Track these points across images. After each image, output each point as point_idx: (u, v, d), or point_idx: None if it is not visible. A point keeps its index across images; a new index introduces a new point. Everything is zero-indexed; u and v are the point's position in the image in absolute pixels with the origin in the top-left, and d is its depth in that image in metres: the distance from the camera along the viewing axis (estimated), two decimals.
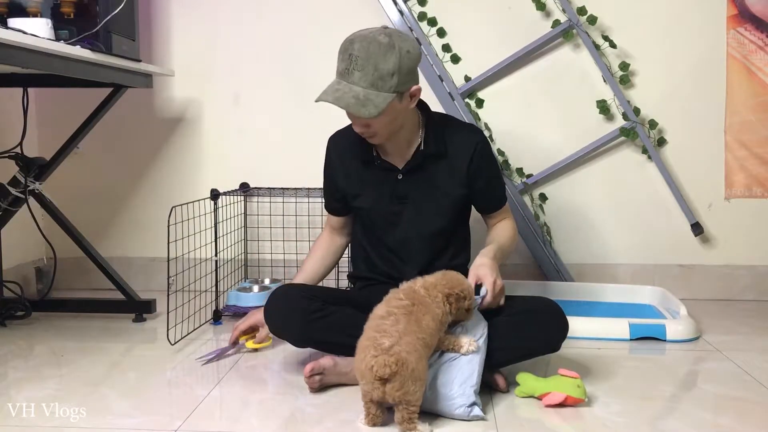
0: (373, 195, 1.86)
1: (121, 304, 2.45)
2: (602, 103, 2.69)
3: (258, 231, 2.82)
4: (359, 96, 1.62)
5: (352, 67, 1.63)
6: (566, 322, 1.75)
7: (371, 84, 1.63)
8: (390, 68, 1.63)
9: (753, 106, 2.71)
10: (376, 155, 1.85)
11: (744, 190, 2.74)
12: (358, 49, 1.63)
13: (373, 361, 1.40)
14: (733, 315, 2.54)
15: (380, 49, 1.62)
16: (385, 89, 1.64)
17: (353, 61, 1.63)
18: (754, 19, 2.68)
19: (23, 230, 2.58)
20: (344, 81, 1.65)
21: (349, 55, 1.63)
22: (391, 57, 1.63)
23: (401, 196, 1.84)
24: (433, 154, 1.82)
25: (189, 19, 2.82)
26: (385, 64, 1.62)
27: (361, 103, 1.62)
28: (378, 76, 1.62)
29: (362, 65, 1.62)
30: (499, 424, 1.56)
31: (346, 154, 1.90)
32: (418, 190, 1.84)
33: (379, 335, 1.45)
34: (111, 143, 2.88)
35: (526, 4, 2.69)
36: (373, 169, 1.86)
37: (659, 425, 1.57)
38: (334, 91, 1.64)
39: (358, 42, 1.64)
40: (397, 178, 1.84)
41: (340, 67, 1.67)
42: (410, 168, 1.83)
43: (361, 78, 1.62)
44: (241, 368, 1.94)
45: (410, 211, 1.84)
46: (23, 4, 2.01)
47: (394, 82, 1.64)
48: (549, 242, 2.73)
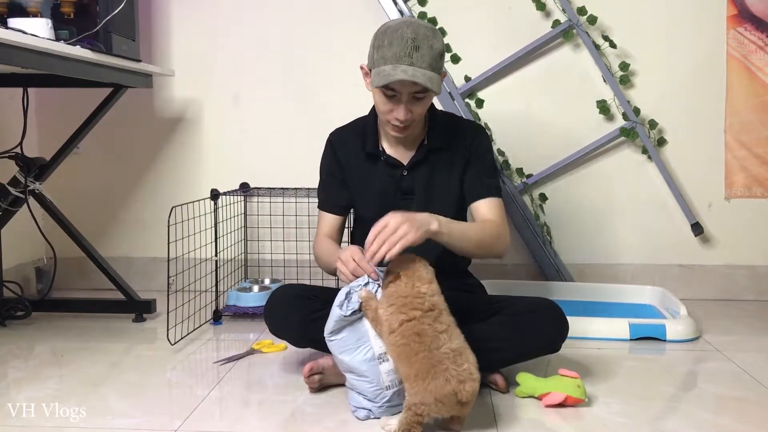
0: (378, 190, 1.86)
1: (121, 304, 2.45)
2: (602, 103, 2.69)
3: (258, 231, 2.82)
4: (426, 74, 1.64)
5: (409, 51, 1.63)
6: (566, 322, 1.74)
7: (430, 65, 1.65)
8: (440, 48, 1.68)
9: (753, 106, 2.71)
10: (382, 150, 1.86)
11: (744, 190, 2.74)
12: (412, 33, 1.64)
13: (460, 387, 1.38)
14: (733, 315, 2.54)
15: (429, 32, 1.66)
16: (437, 69, 1.68)
17: (408, 44, 1.63)
18: (754, 19, 2.68)
19: (23, 230, 2.58)
20: (403, 64, 1.64)
21: (402, 37, 1.64)
22: (439, 37, 1.68)
23: (406, 192, 1.85)
24: (436, 148, 1.83)
25: (189, 19, 2.82)
26: (437, 43, 1.67)
27: (430, 80, 1.64)
28: (434, 56, 1.65)
29: (419, 46, 1.63)
30: (499, 424, 1.56)
31: (350, 150, 1.89)
32: (423, 186, 1.84)
33: (452, 356, 1.41)
34: (111, 143, 2.88)
35: (526, 4, 2.70)
36: (379, 165, 1.86)
37: (659, 425, 1.57)
38: (402, 72, 1.62)
39: (407, 27, 1.65)
40: (402, 174, 1.84)
41: (389, 53, 1.64)
42: (414, 163, 1.84)
43: (421, 59, 1.64)
44: (241, 368, 1.94)
45: (415, 206, 1.83)
46: (23, 4, 2.01)
47: (442, 63, 1.70)
48: (549, 242, 2.73)
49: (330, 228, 1.92)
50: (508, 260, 2.80)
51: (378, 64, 1.66)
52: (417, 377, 1.40)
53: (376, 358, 1.55)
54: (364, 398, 1.57)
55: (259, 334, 2.25)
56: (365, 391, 1.57)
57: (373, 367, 1.55)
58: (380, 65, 1.66)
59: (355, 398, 1.59)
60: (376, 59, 1.67)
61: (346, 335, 1.57)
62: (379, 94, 1.71)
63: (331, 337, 1.58)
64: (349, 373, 1.59)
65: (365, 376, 1.56)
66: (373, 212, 1.87)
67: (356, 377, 1.57)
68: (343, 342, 1.57)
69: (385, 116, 1.74)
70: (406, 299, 1.47)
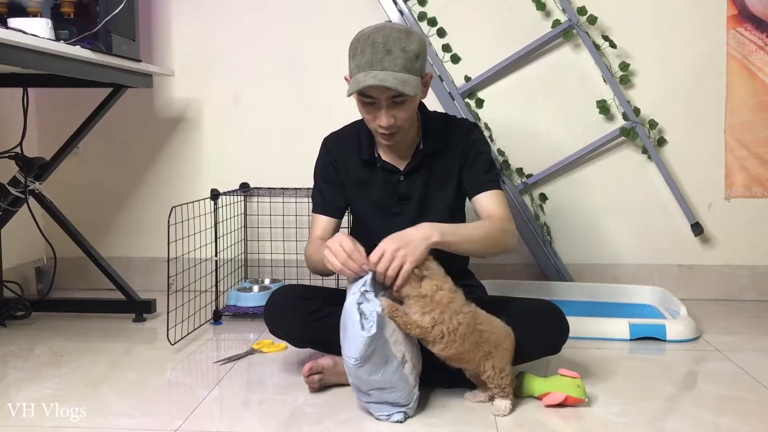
0: (375, 196, 1.85)
1: (121, 304, 2.45)
2: (602, 103, 2.69)
3: (258, 231, 2.82)
4: (397, 77, 1.61)
5: (380, 56, 1.61)
6: (567, 324, 1.74)
7: (403, 67, 1.62)
8: (416, 49, 1.64)
9: (753, 106, 2.71)
10: (378, 156, 1.85)
11: (744, 190, 2.74)
12: (382, 37, 1.62)
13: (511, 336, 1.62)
14: (733, 315, 2.54)
15: (402, 34, 1.64)
16: (414, 72, 1.64)
17: (379, 49, 1.61)
18: (754, 19, 2.68)
19: (23, 230, 2.58)
20: (375, 69, 1.62)
21: (373, 44, 1.62)
22: (414, 39, 1.65)
23: (404, 197, 1.84)
24: (432, 153, 1.82)
25: (189, 19, 2.82)
26: (411, 45, 1.63)
27: (402, 82, 1.61)
28: (407, 58, 1.62)
29: (390, 50, 1.61)
30: (499, 424, 1.56)
31: (347, 155, 1.88)
32: (420, 191, 1.83)
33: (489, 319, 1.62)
34: (111, 143, 2.88)
35: (526, 4, 2.69)
36: (375, 171, 1.85)
37: (659, 425, 1.57)
38: (372, 77, 1.60)
39: (378, 32, 1.63)
40: (399, 179, 1.84)
41: (361, 61, 1.63)
42: (411, 168, 1.83)
43: (393, 62, 1.61)
44: (241, 368, 1.94)
45: (413, 211, 1.83)
46: (23, 4, 2.02)
47: (419, 64, 1.66)
48: (549, 242, 2.73)
49: (324, 231, 1.89)
50: (508, 260, 2.80)
51: (353, 73, 1.66)
52: (492, 351, 1.57)
53: (401, 365, 1.53)
54: (395, 405, 1.55)
55: (259, 334, 2.25)
56: (398, 399, 1.54)
57: (401, 374, 1.53)
58: (355, 74, 1.65)
59: (384, 409, 1.55)
60: (352, 68, 1.67)
61: (376, 357, 1.49)
62: (359, 102, 1.70)
63: (361, 364, 1.48)
64: (376, 391, 1.53)
65: (395, 387, 1.53)
66: (370, 218, 1.88)
67: (386, 392, 1.53)
68: (373, 365, 1.49)
69: (371, 124, 1.74)
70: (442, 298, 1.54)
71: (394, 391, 1.53)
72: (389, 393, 1.53)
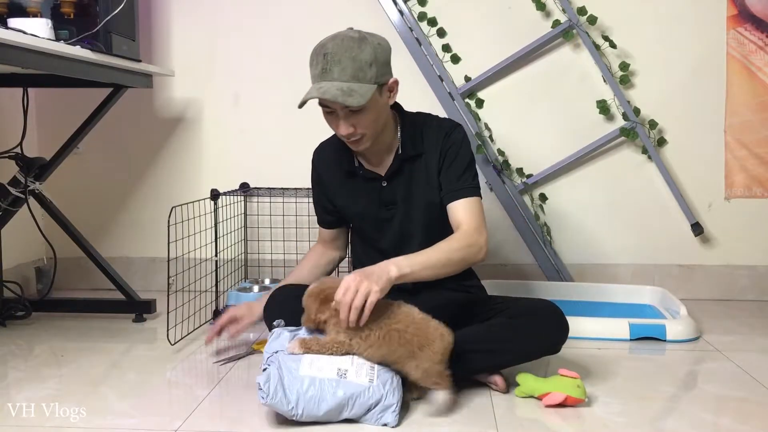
0: (362, 204, 1.86)
1: (121, 304, 2.45)
2: (602, 103, 2.69)
3: (258, 231, 2.82)
4: (343, 88, 1.61)
5: (329, 66, 1.62)
6: (566, 324, 1.74)
7: (352, 76, 1.62)
8: (367, 58, 1.62)
9: (753, 106, 2.71)
10: (359, 165, 1.84)
11: (744, 190, 2.74)
12: (332, 47, 1.63)
13: (447, 339, 1.59)
14: (733, 315, 2.54)
15: (353, 43, 1.63)
16: (366, 80, 1.63)
17: (329, 59, 1.62)
18: (754, 19, 2.68)
19: (23, 230, 2.58)
20: (324, 80, 1.63)
21: (324, 55, 1.63)
22: (366, 47, 1.63)
23: (389, 203, 1.83)
24: (410, 157, 1.81)
25: (189, 19, 2.82)
26: (362, 54, 1.62)
27: (347, 93, 1.60)
28: (357, 67, 1.61)
29: (339, 59, 1.61)
30: (499, 424, 1.56)
31: (331, 166, 1.89)
32: (404, 195, 1.82)
33: (424, 321, 1.62)
34: (111, 143, 2.88)
35: (526, 4, 2.69)
36: (358, 179, 1.85)
37: (659, 425, 1.57)
38: (316, 90, 1.62)
39: (330, 42, 1.64)
40: (382, 185, 1.83)
41: (315, 71, 1.65)
42: (391, 174, 1.81)
43: (342, 72, 1.61)
44: (241, 368, 1.94)
45: (399, 216, 1.83)
46: (23, 4, 2.02)
47: (373, 72, 1.64)
48: (549, 242, 2.73)
49: (323, 238, 2.04)
50: (508, 260, 2.80)
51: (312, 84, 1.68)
52: (416, 351, 1.55)
53: (341, 378, 1.53)
54: (380, 410, 1.53)
55: (259, 334, 2.24)
56: (373, 406, 1.53)
57: (346, 385, 1.52)
58: (311, 85, 1.67)
59: (377, 418, 1.54)
60: (311, 79, 1.68)
61: (304, 401, 1.50)
62: (322, 111, 1.71)
63: (298, 415, 1.51)
64: (340, 413, 1.53)
65: (353, 397, 1.51)
66: (363, 227, 1.89)
67: (351, 408, 1.52)
68: (309, 403, 1.51)
69: (336, 132, 1.75)
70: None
71: (361, 404, 1.52)
72: (361, 409, 1.52)
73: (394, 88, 1.73)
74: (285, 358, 1.58)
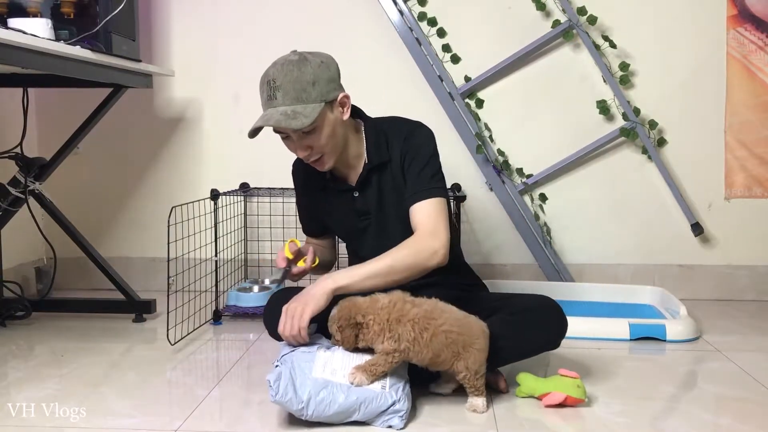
0: (337, 216, 1.86)
1: (121, 304, 2.45)
2: (602, 103, 2.69)
3: (258, 231, 2.82)
4: (287, 112, 1.61)
5: (272, 93, 1.63)
6: (565, 318, 1.75)
7: (295, 98, 1.62)
8: (308, 78, 1.62)
9: (753, 106, 2.71)
10: (329, 178, 1.84)
11: (744, 190, 2.74)
12: (273, 74, 1.63)
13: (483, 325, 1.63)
14: (733, 315, 2.54)
15: (293, 66, 1.63)
16: (311, 100, 1.62)
17: (271, 86, 1.63)
18: (754, 19, 2.68)
19: (23, 230, 2.58)
20: (270, 107, 1.64)
21: (267, 83, 1.64)
22: (306, 68, 1.63)
23: (362, 213, 1.82)
24: (377, 165, 1.78)
25: (189, 19, 2.82)
26: (303, 75, 1.62)
27: (291, 117, 1.61)
28: (300, 89, 1.62)
29: (280, 84, 1.62)
30: (499, 424, 1.56)
31: (307, 179, 1.89)
32: (376, 204, 1.80)
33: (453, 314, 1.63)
34: (111, 143, 2.88)
35: (526, 4, 2.70)
36: (331, 192, 1.84)
37: (659, 425, 1.57)
38: (262, 118, 1.64)
39: (272, 68, 1.65)
40: (354, 196, 1.81)
41: (263, 100, 1.66)
42: (361, 183, 1.80)
43: (285, 96, 1.62)
44: (241, 368, 1.94)
45: (375, 224, 1.82)
46: (23, 4, 2.01)
47: (318, 91, 1.63)
48: (549, 242, 2.73)
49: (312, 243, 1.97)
50: (508, 260, 2.80)
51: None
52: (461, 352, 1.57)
53: (353, 389, 1.53)
54: (389, 414, 1.53)
55: (259, 334, 2.24)
56: (384, 411, 1.53)
57: (361, 394, 1.52)
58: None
59: (384, 420, 1.54)
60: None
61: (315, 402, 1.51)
62: (281, 138, 1.71)
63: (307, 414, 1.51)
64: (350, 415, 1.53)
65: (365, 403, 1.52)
66: (346, 238, 1.91)
67: (362, 412, 1.52)
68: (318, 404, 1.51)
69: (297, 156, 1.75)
70: (387, 326, 1.56)
71: (368, 406, 1.52)
72: (367, 410, 1.52)
73: (345, 102, 1.71)
74: (298, 358, 1.58)
